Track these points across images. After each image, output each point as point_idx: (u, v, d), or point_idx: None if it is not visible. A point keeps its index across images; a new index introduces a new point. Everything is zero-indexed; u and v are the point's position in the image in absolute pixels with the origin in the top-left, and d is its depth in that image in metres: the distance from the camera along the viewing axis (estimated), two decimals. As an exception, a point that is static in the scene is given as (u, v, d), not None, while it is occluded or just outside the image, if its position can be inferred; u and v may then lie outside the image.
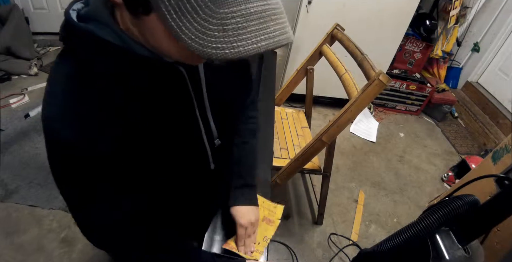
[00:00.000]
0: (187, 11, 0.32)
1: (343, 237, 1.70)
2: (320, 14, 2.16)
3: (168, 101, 0.49)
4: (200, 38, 0.32)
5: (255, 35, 0.33)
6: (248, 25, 0.32)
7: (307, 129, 1.74)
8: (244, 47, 0.33)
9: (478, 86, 2.97)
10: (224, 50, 0.33)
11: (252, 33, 0.33)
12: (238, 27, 0.32)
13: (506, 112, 2.61)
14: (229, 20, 0.32)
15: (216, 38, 0.32)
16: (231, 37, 0.32)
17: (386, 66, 2.59)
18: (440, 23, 2.87)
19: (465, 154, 2.53)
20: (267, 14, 0.33)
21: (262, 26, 0.33)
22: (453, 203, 0.59)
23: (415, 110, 2.96)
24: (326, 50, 1.52)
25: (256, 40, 0.33)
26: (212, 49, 0.33)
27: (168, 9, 0.32)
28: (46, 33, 3.03)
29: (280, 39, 0.34)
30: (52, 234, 1.47)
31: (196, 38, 0.33)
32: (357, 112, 1.08)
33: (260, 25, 0.33)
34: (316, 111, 2.70)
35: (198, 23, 0.32)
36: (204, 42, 0.33)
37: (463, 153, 2.57)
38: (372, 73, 1.06)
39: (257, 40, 0.33)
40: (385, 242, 0.69)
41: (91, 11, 0.42)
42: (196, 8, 0.31)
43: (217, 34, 0.32)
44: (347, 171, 2.17)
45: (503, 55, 2.76)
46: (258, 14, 0.33)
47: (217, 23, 0.32)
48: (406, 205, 1.99)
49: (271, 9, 0.34)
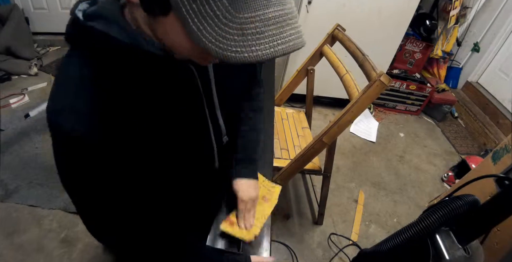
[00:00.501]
0: (208, 15, 0.32)
1: (343, 237, 1.70)
2: (320, 14, 2.17)
3: (177, 98, 0.50)
4: (220, 41, 0.33)
5: (273, 40, 0.34)
6: (266, 29, 0.33)
7: (307, 129, 1.74)
8: (262, 51, 0.34)
9: (478, 86, 2.97)
10: (243, 54, 0.34)
11: (269, 37, 0.34)
12: (257, 32, 0.33)
13: (506, 112, 2.61)
14: (248, 25, 0.33)
15: (236, 42, 0.33)
16: (250, 41, 0.33)
17: (386, 66, 2.59)
18: (440, 23, 2.87)
19: (465, 154, 2.53)
20: (283, 18, 0.34)
21: (279, 31, 0.34)
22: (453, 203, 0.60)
23: (415, 110, 2.96)
24: (326, 50, 1.53)
25: (274, 44, 0.34)
26: (232, 53, 0.34)
27: (189, 12, 0.33)
28: (46, 33, 3.03)
29: (295, 43, 0.36)
30: (52, 234, 1.47)
31: (216, 41, 0.33)
32: (358, 113, 1.08)
33: (277, 30, 0.34)
34: (316, 112, 2.71)
35: (219, 27, 0.33)
36: (224, 45, 0.33)
37: (463, 153, 2.57)
38: (373, 74, 1.06)
39: (274, 44, 0.34)
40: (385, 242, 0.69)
41: (99, 9, 0.43)
42: (217, 12, 0.32)
43: (237, 38, 0.33)
44: (347, 171, 2.17)
45: (503, 55, 2.76)
46: (276, 19, 0.34)
47: (237, 28, 0.33)
48: (406, 205, 1.99)
49: (286, 14, 0.35)
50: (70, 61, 0.44)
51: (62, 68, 0.44)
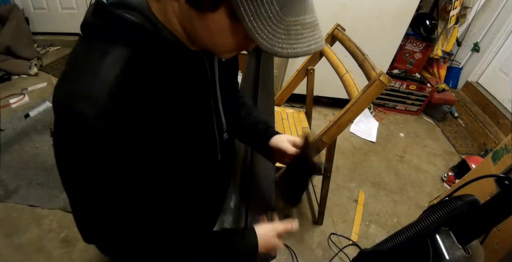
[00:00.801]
0: (263, 16, 0.39)
1: (343, 237, 1.70)
2: (320, 14, 2.14)
3: (187, 88, 0.51)
4: (270, 38, 0.40)
5: (308, 40, 0.42)
6: (304, 32, 0.42)
7: (307, 129, 1.74)
8: (300, 49, 0.42)
9: (478, 86, 2.97)
10: (287, 50, 0.41)
11: (306, 38, 0.42)
12: (298, 33, 0.41)
13: (506, 112, 2.61)
14: (292, 27, 0.40)
15: (282, 40, 0.40)
16: (292, 40, 0.41)
17: (386, 66, 2.59)
18: (440, 23, 2.87)
19: (465, 154, 2.53)
20: (315, 24, 0.43)
21: (312, 34, 0.43)
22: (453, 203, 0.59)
23: (415, 110, 2.96)
24: (326, 50, 1.52)
25: (308, 44, 0.42)
26: (278, 49, 0.41)
27: (247, 12, 0.38)
28: (46, 33, 3.03)
29: (322, 44, 0.44)
30: (52, 234, 1.47)
31: (267, 38, 0.40)
32: (358, 112, 1.08)
33: (311, 33, 0.42)
34: (316, 111, 2.71)
35: (270, 27, 0.39)
36: (273, 42, 0.40)
37: (463, 153, 2.57)
38: (373, 73, 1.06)
39: (309, 44, 0.42)
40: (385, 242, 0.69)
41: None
42: (270, 14, 0.39)
43: (283, 37, 0.40)
44: (347, 171, 2.17)
45: (503, 55, 2.76)
46: (311, 23, 0.42)
47: (284, 28, 0.40)
48: (406, 205, 1.99)
49: (316, 21, 0.44)
50: (95, 47, 0.43)
51: (80, 52, 0.44)
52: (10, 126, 2.01)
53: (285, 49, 0.40)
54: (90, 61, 0.42)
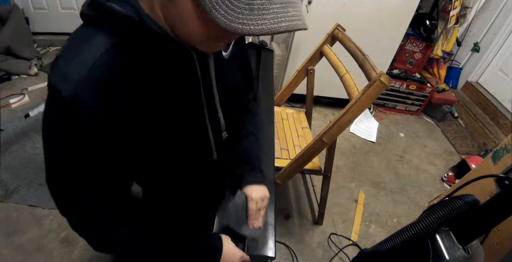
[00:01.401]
0: None
1: (343, 237, 1.70)
2: (320, 14, 2.17)
3: (176, 82, 0.51)
4: (229, 14, 0.37)
5: (276, 17, 0.38)
6: (271, 7, 0.37)
7: (307, 129, 1.74)
8: (266, 26, 0.37)
9: (478, 86, 2.98)
10: (249, 26, 0.37)
11: (274, 14, 0.38)
12: (263, 8, 0.37)
13: (506, 112, 2.61)
14: (255, 1, 0.37)
15: (243, 15, 0.37)
16: (255, 15, 0.37)
17: (386, 66, 2.59)
18: (440, 23, 2.87)
19: (465, 154, 2.53)
20: (288, 0, 0.38)
21: (283, 10, 0.38)
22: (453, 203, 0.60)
23: (415, 110, 2.96)
24: (327, 50, 1.53)
25: (277, 21, 0.38)
26: (239, 25, 0.37)
27: None
28: (46, 33, 3.03)
29: (297, 24, 0.39)
30: (52, 234, 1.47)
31: (225, 14, 0.37)
32: (358, 113, 1.08)
33: (281, 9, 0.38)
34: (316, 112, 2.71)
35: (229, 1, 0.36)
36: (232, 18, 0.37)
37: (463, 153, 2.57)
38: (373, 74, 1.06)
39: (277, 21, 0.38)
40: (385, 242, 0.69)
41: None
42: None
43: (245, 12, 0.37)
44: (347, 171, 2.17)
45: (503, 55, 2.76)
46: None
47: (245, 3, 0.36)
48: (406, 205, 1.99)
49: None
50: (86, 32, 0.46)
51: (71, 37, 0.46)
52: (10, 126, 2.01)
53: (247, 26, 0.37)
54: (75, 44, 0.45)
